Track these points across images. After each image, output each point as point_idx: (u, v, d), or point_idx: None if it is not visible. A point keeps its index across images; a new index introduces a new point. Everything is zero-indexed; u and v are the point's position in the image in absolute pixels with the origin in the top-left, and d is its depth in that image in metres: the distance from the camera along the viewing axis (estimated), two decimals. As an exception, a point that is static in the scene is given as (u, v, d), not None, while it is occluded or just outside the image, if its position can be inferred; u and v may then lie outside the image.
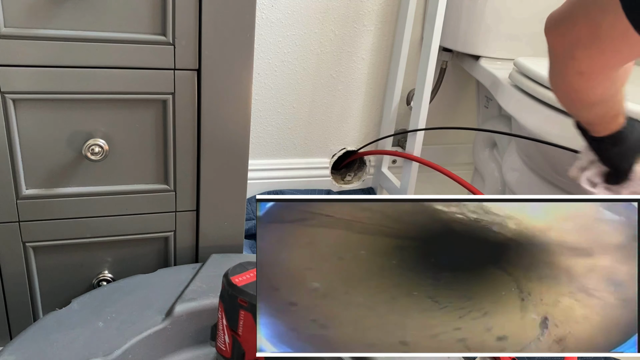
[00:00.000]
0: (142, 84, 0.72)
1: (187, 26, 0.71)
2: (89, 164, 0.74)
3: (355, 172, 1.50)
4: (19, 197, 0.73)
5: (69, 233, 0.77)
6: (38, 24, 0.66)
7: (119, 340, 0.64)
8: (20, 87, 0.67)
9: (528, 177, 1.17)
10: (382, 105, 1.40)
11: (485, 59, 1.32)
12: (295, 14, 1.23)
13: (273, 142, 1.34)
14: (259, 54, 1.23)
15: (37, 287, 0.79)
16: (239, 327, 0.59)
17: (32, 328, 0.65)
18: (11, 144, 0.70)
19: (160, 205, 0.80)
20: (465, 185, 1.16)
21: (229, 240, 0.85)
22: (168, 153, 0.77)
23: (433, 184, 1.51)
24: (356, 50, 1.32)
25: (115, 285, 0.74)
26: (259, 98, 1.28)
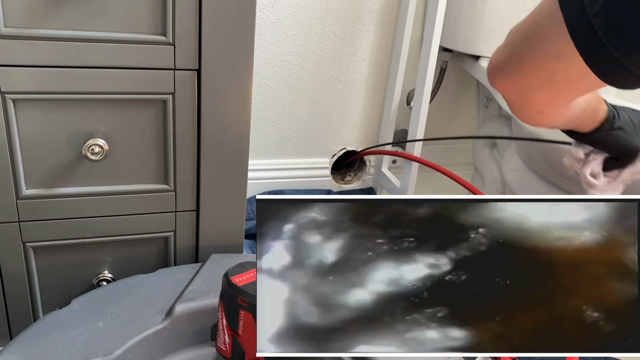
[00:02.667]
0: (142, 84, 0.72)
1: (187, 26, 0.71)
2: (89, 164, 0.74)
3: (355, 172, 1.50)
4: (19, 197, 0.73)
5: (69, 233, 0.77)
6: (38, 24, 0.66)
7: (119, 340, 0.64)
8: (20, 87, 0.67)
9: (528, 177, 1.17)
10: (382, 105, 1.40)
11: (485, 59, 1.32)
12: (295, 14, 1.23)
13: (273, 142, 1.34)
14: (259, 54, 1.23)
15: (37, 287, 0.79)
16: (239, 327, 0.59)
17: (32, 328, 0.65)
18: (11, 144, 0.70)
19: (160, 205, 0.80)
20: (465, 185, 1.16)
21: (229, 240, 0.85)
22: (168, 153, 0.77)
23: (433, 184, 1.51)
24: (356, 50, 1.32)
25: (115, 285, 0.74)
26: (259, 98, 1.28)
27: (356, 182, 1.48)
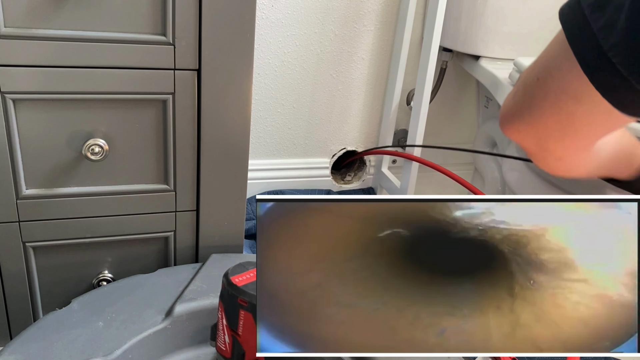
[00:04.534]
0: (142, 84, 0.72)
1: (187, 26, 0.71)
2: (89, 164, 0.74)
3: (355, 172, 1.50)
4: (19, 197, 0.73)
5: (69, 233, 0.77)
6: (38, 24, 0.66)
7: (119, 340, 0.64)
8: (20, 87, 0.67)
9: (528, 177, 1.17)
10: (382, 105, 1.40)
11: (485, 59, 1.32)
12: (295, 14, 1.23)
13: (273, 142, 1.34)
14: (259, 54, 1.23)
15: (37, 287, 0.79)
16: (239, 327, 0.59)
17: (32, 328, 0.65)
18: (11, 144, 0.70)
19: (160, 205, 0.80)
20: (466, 185, 1.16)
21: (229, 240, 0.85)
22: (168, 153, 0.77)
23: (433, 184, 1.51)
24: (356, 50, 1.32)
25: (115, 285, 0.74)
26: (259, 98, 1.28)
27: (356, 182, 1.48)
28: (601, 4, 0.38)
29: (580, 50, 0.40)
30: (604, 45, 0.38)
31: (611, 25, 0.37)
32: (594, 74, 0.40)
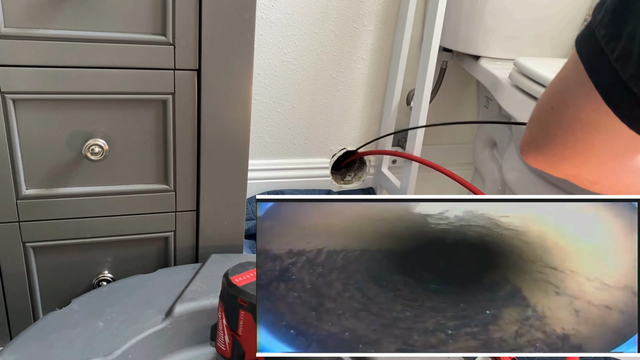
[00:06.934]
0: (142, 84, 0.72)
1: (187, 26, 0.71)
2: (89, 164, 0.74)
3: (355, 172, 1.50)
4: (19, 197, 0.73)
5: (69, 233, 0.77)
6: (38, 24, 0.66)
7: (119, 340, 0.64)
8: (20, 87, 0.67)
9: (528, 177, 1.17)
10: (382, 105, 1.40)
11: (485, 59, 1.32)
12: (295, 14, 1.23)
13: (273, 142, 1.34)
14: (259, 54, 1.23)
15: (37, 287, 0.79)
16: (239, 327, 0.59)
17: (32, 328, 0.65)
18: (11, 144, 0.70)
19: (160, 205, 0.80)
20: (466, 185, 1.16)
21: (229, 240, 0.85)
22: (168, 153, 0.77)
23: (433, 184, 1.51)
24: (356, 50, 1.32)
25: (115, 285, 0.74)
26: (259, 98, 1.28)
27: (356, 182, 1.48)
28: (615, 34, 0.37)
29: (600, 81, 0.39)
30: (623, 76, 0.37)
31: (627, 56, 0.36)
32: (617, 105, 0.39)
